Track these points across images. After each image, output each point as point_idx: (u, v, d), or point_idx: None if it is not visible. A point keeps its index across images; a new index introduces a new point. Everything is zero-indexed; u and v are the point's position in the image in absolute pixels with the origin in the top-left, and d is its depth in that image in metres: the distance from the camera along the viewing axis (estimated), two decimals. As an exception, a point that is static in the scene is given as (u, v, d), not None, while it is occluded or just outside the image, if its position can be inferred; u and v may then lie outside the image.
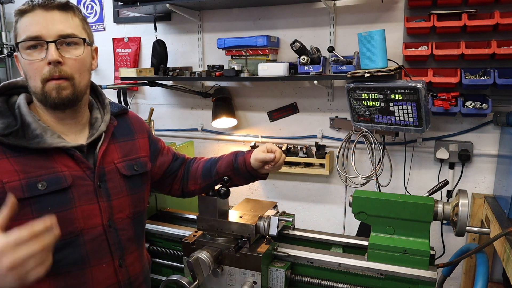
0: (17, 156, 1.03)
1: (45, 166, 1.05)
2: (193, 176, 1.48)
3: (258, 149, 1.41)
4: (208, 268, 1.35)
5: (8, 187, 0.99)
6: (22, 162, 1.03)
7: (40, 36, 1.03)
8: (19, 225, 0.96)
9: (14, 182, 1.00)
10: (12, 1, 3.31)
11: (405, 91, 1.98)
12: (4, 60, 3.37)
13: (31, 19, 1.04)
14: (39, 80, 1.05)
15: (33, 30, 1.03)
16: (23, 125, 1.04)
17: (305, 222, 2.77)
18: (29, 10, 1.04)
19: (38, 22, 1.03)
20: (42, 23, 1.03)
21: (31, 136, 1.04)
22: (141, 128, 1.37)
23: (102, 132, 1.19)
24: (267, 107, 2.76)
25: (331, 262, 1.42)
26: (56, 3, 1.06)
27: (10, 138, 1.01)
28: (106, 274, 1.16)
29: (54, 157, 1.07)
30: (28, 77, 1.07)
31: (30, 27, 1.03)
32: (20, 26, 1.05)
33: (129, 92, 3.11)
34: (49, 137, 1.06)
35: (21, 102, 1.08)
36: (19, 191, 1.00)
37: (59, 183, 1.06)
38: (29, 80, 1.07)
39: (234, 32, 2.71)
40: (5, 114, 1.05)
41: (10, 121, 1.04)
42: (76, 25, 1.10)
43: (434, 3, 2.15)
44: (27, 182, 1.02)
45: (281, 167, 1.44)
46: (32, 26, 1.03)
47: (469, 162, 2.34)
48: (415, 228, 1.35)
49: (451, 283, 2.47)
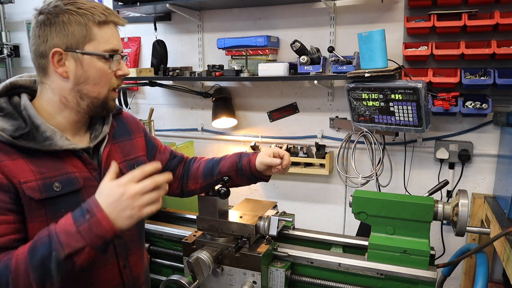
0: (30, 157, 1.03)
1: (57, 168, 1.06)
2: (194, 175, 1.48)
3: (264, 152, 1.41)
4: (208, 268, 1.35)
5: (26, 187, 0.99)
6: (36, 163, 1.03)
7: (119, 50, 1.12)
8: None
9: (31, 183, 1.00)
10: (12, 1, 3.31)
11: (405, 91, 1.98)
12: (4, 60, 3.37)
13: (110, 32, 1.10)
14: (107, 88, 1.11)
15: (116, 43, 1.11)
16: (33, 127, 1.04)
17: (305, 222, 2.77)
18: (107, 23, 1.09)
19: (116, 36, 1.12)
20: (117, 37, 1.13)
21: (41, 138, 1.04)
22: (137, 127, 1.38)
23: (106, 134, 1.20)
24: (267, 107, 2.76)
25: (331, 262, 1.42)
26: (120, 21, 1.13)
27: (20, 140, 1.01)
28: (111, 275, 1.17)
29: (64, 159, 1.08)
30: (94, 82, 1.09)
31: (113, 40, 1.10)
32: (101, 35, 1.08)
33: (129, 92, 3.11)
34: (59, 139, 1.06)
35: (27, 103, 1.07)
36: (37, 192, 1.00)
37: (73, 184, 1.07)
38: (92, 85, 1.09)
39: (234, 32, 2.71)
40: (13, 116, 1.04)
41: (19, 123, 1.03)
42: None
43: (434, 3, 2.15)
44: (43, 182, 1.02)
45: (288, 171, 1.44)
46: (114, 39, 1.11)
47: (469, 162, 2.34)
48: (415, 228, 1.35)
49: (451, 283, 2.47)
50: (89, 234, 0.91)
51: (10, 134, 1.00)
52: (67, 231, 0.91)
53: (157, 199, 0.97)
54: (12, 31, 3.46)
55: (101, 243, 0.92)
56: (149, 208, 0.96)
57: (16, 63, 3.51)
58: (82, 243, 0.90)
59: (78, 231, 0.91)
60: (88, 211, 0.93)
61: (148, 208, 0.96)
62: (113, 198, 0.94)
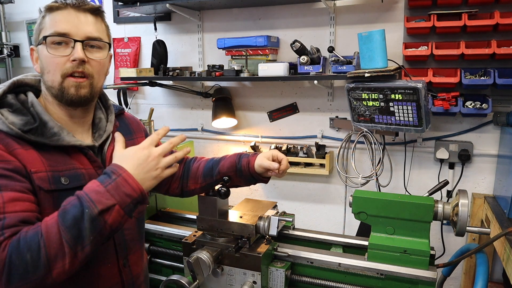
0: (40, 150, 1.04)
1: (65, 162, 1.07)
2: (194, 175, 1.48)
3: (263, 154, 1.41)
4: (208, 268, 1.35)
5: (36, 177, 1.00)
6: (45, 156, 1.05)
7: (68, 33, 1.05)
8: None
9: (41, 173, 1.02)
10: (12, 1, 3.31)
11: (405, 91, 1.98)
12: (4, 60, 3.37)
13: (62, 17, 1.05)
14: (59, 74, 1.05)
15: (63, 27, 1.04)
16: (41, 123, 1.05)
17: (305, 222, 2.77)
18: (60, 8, 1.06)
19: (69, 20, 1.05)
20: (73, 22, 1.05)
21: (49, 134, 1.05)
22: (138, 127, 1.39)
23: (110, 133, 1.21)
24: (267, 107, 2.76)
25: (331, 262, 1.42)
26: (90, 6, 1.08)
27: (29, 134, 1.03)
28: (110, 274, 1.17)
29: (71, 155, 1.10)
30: (47, 71, 1.07)
31: (60, 24, 1.05)
32: (49, 21, 1.06)
33: (129, 92, 3.11)
34: (66, 135, 1.08)
35: (34, 100, 1.09)
36: (46, 183, 1.02)
37: (80, 180, 1.08)
38: (46, 74, 1.07)
39: (234, 32, 2.71)
40: (22, 111, 1.06)
41: (28, 118, 1.05)
42: (102, 30, 1.13)
43: (434, 3, 2.15)
44: (52, 174, 1.04)
45: (285, 174, 1.44)
46: (62, 23, 1.05)
47: (469, 162, 2.34)
48: (415, 228, 1.35)
49: (451, 283, 2.47)
50: (118, 192, 0.94)
51: (19, 128, 1.02)
52: (96, 191, 0.93)
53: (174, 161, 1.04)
54: (12, 31, 3.46)
55: (129, 202, 0.95)
56: (169, 170, 1.04)
57: (16, 63, 3.51)
58: (112, 200, 0.93)
59: (107, 190, 0.93)
60: (114, 172, 0.96)
61: (168, 170, 1.04)
62: (139, 160, 0.99)
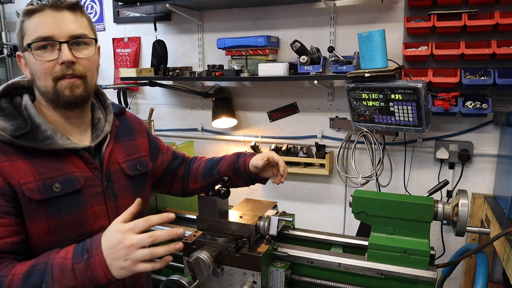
0: (30, 158, 1.02)
1: (58, 168, 1.05)
2: (194, 175, 1.48)
3: (259, 155, 1.41)
4: (208, 268, 1.35)
5: (25, 188, 0.98)
6: (36, 164, 1.02)
7: (52, 36, 1.01)
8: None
9: (31, 184, 0.99)
10: (12, 1, 3.31)
11: (405, 91, 1.98)
12: (4, 60, 3.37)
13: (41, 20, 1.01)
14: (50, 79, 1.03)
15: (45, 30, 1.01)
16: (33, 126, 1.03)
17: (305, 222, 2.77)
18: (38, 10, 1.01)
19: (49, 22, 1.01)
20: (53, 23, 1.01)
21: (42, 137, 1.03)
22: (140, 127, 1.38)
23: (108, 133, 1.19)
24: (267, 107, 2.76)
25: (331, 262, 1.42)
26: (67, 3, 1.04)
27: (21, 140, 1.01)
28: None
29: (64, 158, 1.07)
30: (37, 77, 1.05)
31: (41, 28, 1.01)
32: (29, 26, 1.02)
33: (129, 92, 3.11)
34: (60, 138, 1.05)
35: (28, 103, 1.07)
36: (37, 193, 1.00)
37: (73, 185, 1.06)
38: (37, 80, 1.05)
39: (234, 32, 2.71)
40: (14, 116, 1.04)
41: (20, 122, 1.03)
42: (85, 25, 1.09)
43: (434, 3, 2.15)
44: (43, 183, 1.01)
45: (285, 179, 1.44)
46: (43, 26, 1.01)
47: (469, 162, 2.34)
48: (415, 228, 1.35)
49: (451, 283, 2.47)
50: (82, 275, 0.89)
51: (10, 134, 1.00)
52: (63, 266, 0.90)
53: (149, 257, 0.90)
54: (12, 31, 3.46)
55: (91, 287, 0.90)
56: (144, 265, 0.90)
57: (16, 63, 3.49)
58: (73, 282, 0.89)
59: (72, 269, 0.90)
60: (88, 250, 0.92)
61: (143, 265, 0.90)
62: (111, 244, 0.91)
